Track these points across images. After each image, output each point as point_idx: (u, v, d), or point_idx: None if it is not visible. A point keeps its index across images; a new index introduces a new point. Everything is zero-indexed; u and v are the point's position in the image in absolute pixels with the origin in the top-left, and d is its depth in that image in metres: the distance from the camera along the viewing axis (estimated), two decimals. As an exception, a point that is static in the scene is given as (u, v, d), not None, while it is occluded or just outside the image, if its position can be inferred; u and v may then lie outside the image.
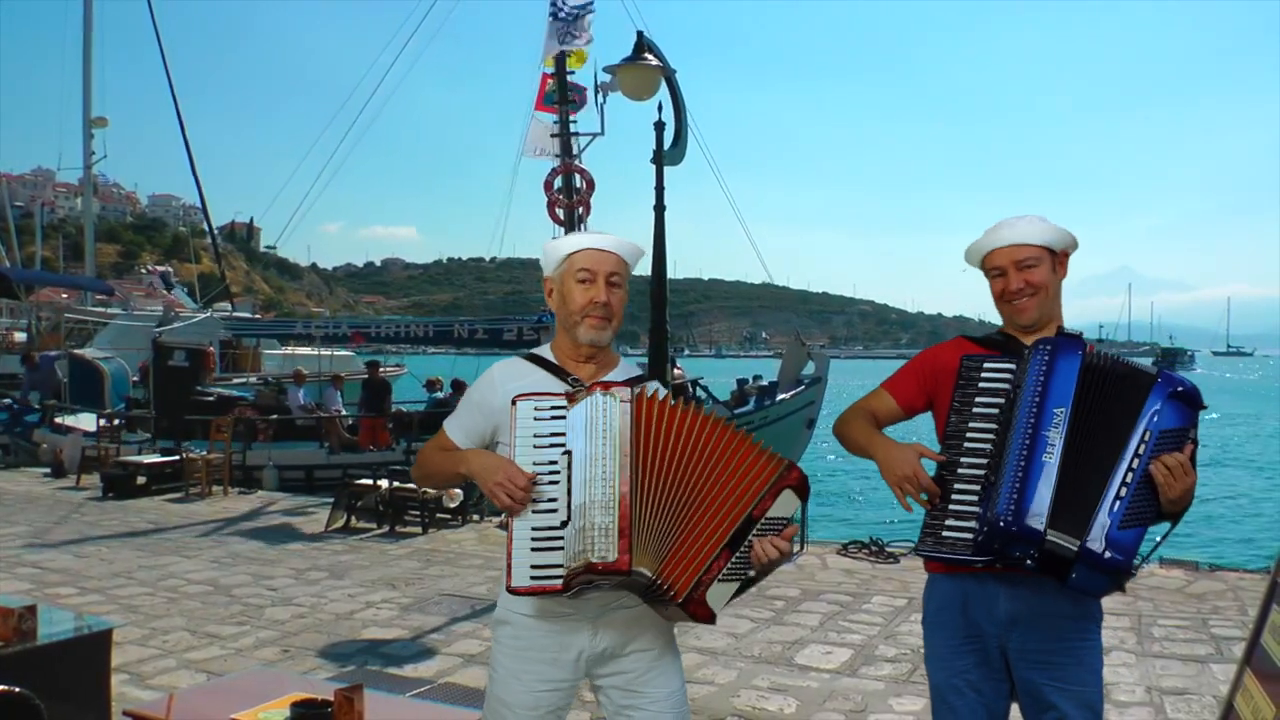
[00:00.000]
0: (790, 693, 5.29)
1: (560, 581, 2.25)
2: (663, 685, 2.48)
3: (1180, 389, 2.37)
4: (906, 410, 2.67)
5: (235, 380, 21.41)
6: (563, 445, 2.29)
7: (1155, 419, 2.35)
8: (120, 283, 48.25)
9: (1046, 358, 2.40)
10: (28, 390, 19.84)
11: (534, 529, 2.28)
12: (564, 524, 2.26)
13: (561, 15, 14.89)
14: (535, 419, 2.32)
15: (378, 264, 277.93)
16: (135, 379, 20.04)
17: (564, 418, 2.31)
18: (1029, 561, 2.31)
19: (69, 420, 17.42)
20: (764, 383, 17.73)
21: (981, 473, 2.38)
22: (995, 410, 2.41)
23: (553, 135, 15.19)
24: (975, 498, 2.37)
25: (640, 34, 10.88)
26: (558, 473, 2.28)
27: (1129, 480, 2.32)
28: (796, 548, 9.18)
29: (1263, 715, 3.22)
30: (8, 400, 19.56)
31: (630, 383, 2.44)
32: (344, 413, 16.93)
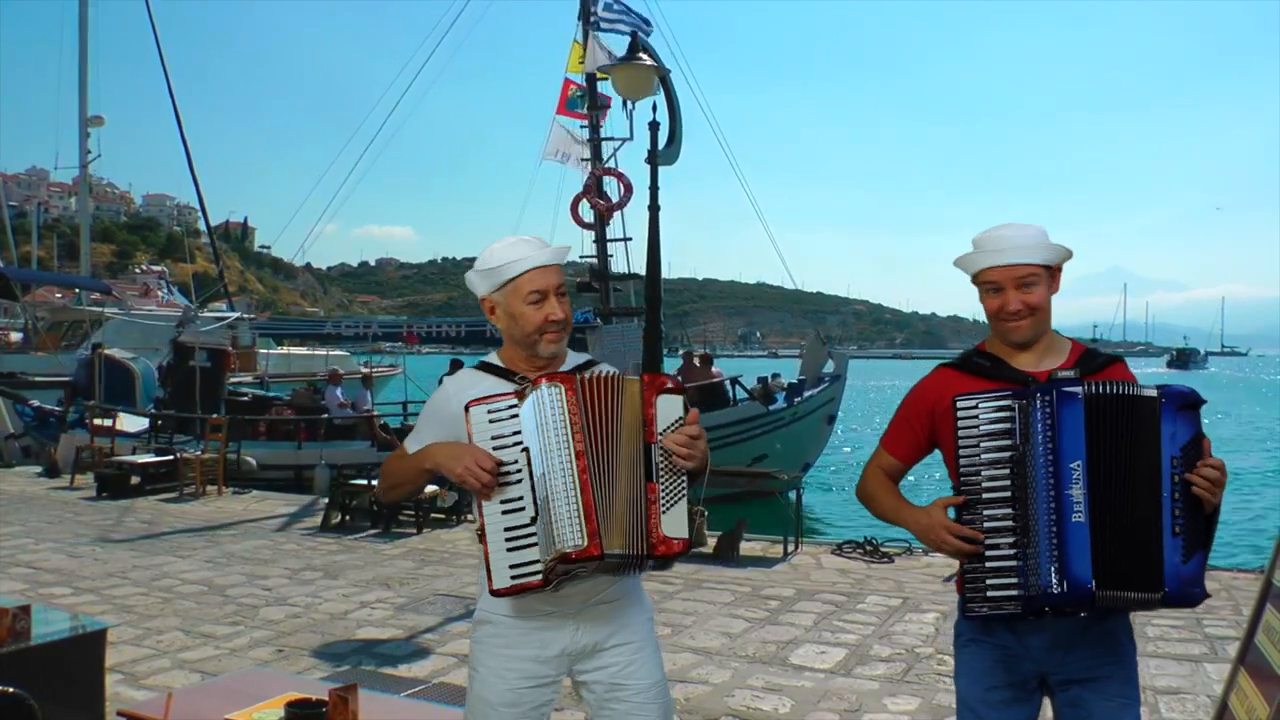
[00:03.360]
0: (785, 692, 5.29)
1: (540, 576, 2.28)
2: (645, 676, 2.50)
3: (1183, 399, 2.33)
4: (909, 463, 2.66)
5: (232, 380, 21.32)
6: (520, 443, 2.32)
7: (1174, 439, 2.32)
8: (115, 282, 48.13)
9: (1049, 409, 2.33)
10: (84, 386, 18.58)
11: (506, 529, 2.31)
12: (533, 519, 2.29)
13: (608, 13, 14.49)
14: (490, 421, 2.34)
15: (372, 264, 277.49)
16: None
17: (518, 415, 2.33)
18: (1083, 614, 2.33)
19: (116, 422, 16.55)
20: (785, 381, 18.09)
21: (1010, 523, 2.34)
22: (1006, 455, 2.36)
23: (586, 140, 15.13)
24: (1011, 551, 2.34)
25: (634, 34, 10.92)
26: (520, 470, 2.31)
27: (1178, 515, 2.30)
28: (792, 547, 9.21)
29: (1257, 715, 3.24)
30: (35, 401, 19.26)
31: (577, 369, 2.47)
32: (376, 412, 17.06)
